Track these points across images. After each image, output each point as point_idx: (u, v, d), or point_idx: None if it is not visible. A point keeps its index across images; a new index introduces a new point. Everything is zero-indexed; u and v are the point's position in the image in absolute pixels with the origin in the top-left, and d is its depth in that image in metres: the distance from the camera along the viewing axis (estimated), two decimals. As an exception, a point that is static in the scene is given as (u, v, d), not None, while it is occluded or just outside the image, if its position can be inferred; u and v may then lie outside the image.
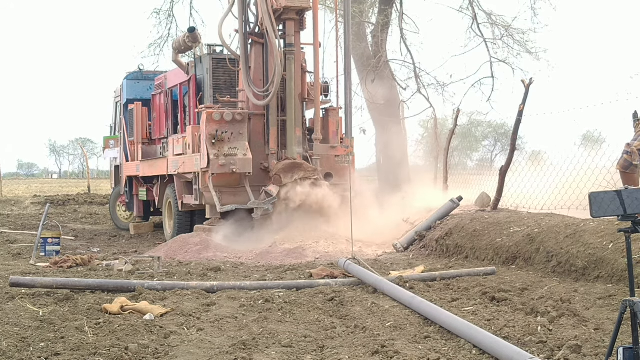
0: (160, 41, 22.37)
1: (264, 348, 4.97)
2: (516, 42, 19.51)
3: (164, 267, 8.94)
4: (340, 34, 14.11)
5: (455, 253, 9.69)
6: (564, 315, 5.58)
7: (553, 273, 7.60)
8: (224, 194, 11.83)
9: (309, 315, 6.02)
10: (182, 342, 5.13)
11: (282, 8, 11.87)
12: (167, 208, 13.91)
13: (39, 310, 6.09)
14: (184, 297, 6.68)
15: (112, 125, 18.10)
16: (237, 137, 11.79)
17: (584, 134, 64.74)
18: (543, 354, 4.69)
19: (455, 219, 10.64)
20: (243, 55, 12.16)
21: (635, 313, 3.54)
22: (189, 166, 12.41)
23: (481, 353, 4.81)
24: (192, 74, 13.24)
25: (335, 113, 12.93)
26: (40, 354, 4.78)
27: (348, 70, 12.22)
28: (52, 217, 17.39)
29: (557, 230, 8.09)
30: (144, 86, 16.01)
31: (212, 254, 10.68)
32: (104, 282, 7.27)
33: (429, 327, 5.57)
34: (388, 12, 19.77)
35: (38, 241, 10.75)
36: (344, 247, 10.39)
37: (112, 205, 17.48)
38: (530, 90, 10.26)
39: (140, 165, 15.03)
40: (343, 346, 5.02)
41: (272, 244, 10.93)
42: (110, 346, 4.93)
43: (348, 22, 12.53)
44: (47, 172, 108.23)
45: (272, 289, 7.07)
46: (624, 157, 3.79)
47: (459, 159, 14.47)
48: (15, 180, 55.70)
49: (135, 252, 11.65)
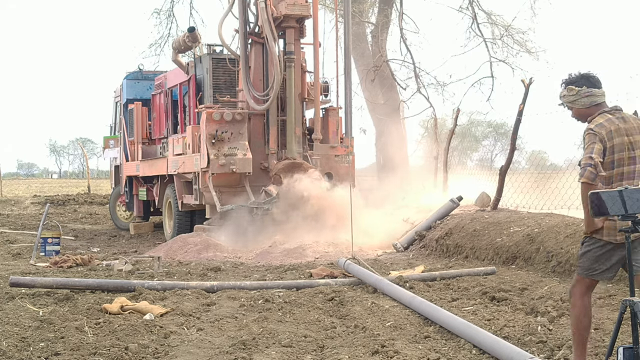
0: (160, 41, 22.41)
1: (264, 348, 4.97)
2: (516, 41, 19.53)
3: (164, 267, 8.93)
4: (340, 34, 14.11)
5: (455, 253, 9.69)
6: (564, 315, 5.58)
7: (553, 273, 7.60)
8: (224, 193, 11.82)
9: (309, 315, 6.01)
10: (182, 342, 5.13)
11: (282, 16, 11.87)
12: (167, 208, 13.91)
13: (39, 310, 6.09)
14: (184, 297, 6.68)
15: (112, 125, 18.09)
16: (237, 137, 11.79)
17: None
18: (543, 353, 4.69)
19: (455, 218, 10.64)
20: (243, 56, 12.17)
21: (635, 313, 3.54)
22: (189, 166, 12.40)
23: (481, 353, 4.82)
24: (192, 74, 13.23)
25: (335, 113, 12.93)
26: (40, 354, 4.78)
27: (348, 70, 12.24)
28: (52, 217, 17.38)
29: (557, 230, 8.09)
30: (143, 86, 16.00)
31: (212, 254, 10.67)
32: (103, 282, 7.27)
33: (429, 327, 5.57)
34: (388, 12, 19.79)
35: (38, 241, 10.74)
36: (344, 247, 10.39)
37: (112, 205, 17.47)
38: (530, 89, 10.26)
39: (140, 165, 15.02)
40: (343, 346, 5.02)
41: (272, 244, 10.93)
42: (110, 346, 4.93)
43: (348, 22, 12.55)
44: (47, 172, 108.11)
45: (272, 289, 7.07)
46: (589, 169, 3.86)
47: (459, 159, 14.45)
48: (15, 180, 55.66)
49: (135, 252, 11.65)
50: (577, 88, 4.14)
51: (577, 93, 4.14)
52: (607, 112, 4.09)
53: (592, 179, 3.86)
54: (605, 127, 3.98)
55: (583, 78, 4.16)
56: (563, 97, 4.26)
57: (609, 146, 3.95)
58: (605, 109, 4.12)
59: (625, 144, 3.98)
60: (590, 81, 4.14)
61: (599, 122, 4.02)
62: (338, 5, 16.06)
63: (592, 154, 3.89)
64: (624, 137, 3.98)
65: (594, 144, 3.92)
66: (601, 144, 3.93)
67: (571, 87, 4.16)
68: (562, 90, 4.26)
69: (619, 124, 4.01)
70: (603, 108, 4.12)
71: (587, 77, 4.16)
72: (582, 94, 4.13)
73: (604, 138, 3.94)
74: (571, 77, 4.20)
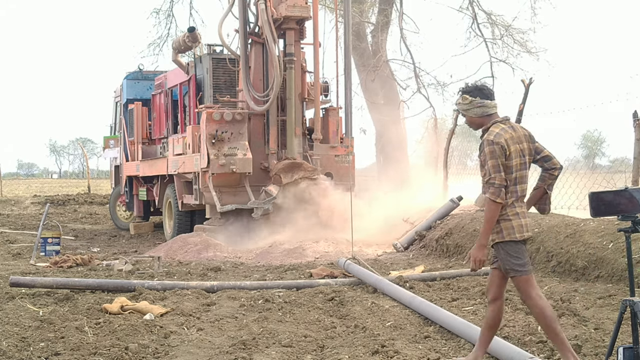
0: (159, 41, 22.40)
1: (264, 348, 4.97)
2: (516, 41, 19.51)
3: (164, 267, 8.93)
4: (340, 34, 14.11)
5: (455, 253, 9.69)
6: (564, 315, 5.58)
7: (553, 273, 7.60)
8: (224, 193, 11.82)
9: (309, 315, 6.02)
10: (182, 341, 5.13)
11: (282, 17, 11.86)
12: (167, 208, 13.91)
13: (39, 310, 6.09)
14: (184, 297, 6.68)
15: (112, 125, 18.09)
16: (237, 136, 11.78)
17: (583, 134, 64.28)
18: (543, 353, 4.69)
19: (455, 218, 10.64)
20: (243, 56, 12.16)
21: (635, 313, 3.54)
22: (189, 166, 12.40)
23: (481, 353, 4.81)
24: (192, 74, 13.23)
25: (335, 113, 12.93)
26: (40, 353, 4.78)
27: (348, 70, 12.24)
28: (52, 217, 17.38)
29: (557, 230, 8.09)
30: (143, 86, 16.00)
31: (212, 253, 10.68)
32: (104, 282, 7.27)
33: (429, 326, 5.57)
34: (388, 12, 19.78)
35: (38, 241, 10.74)
36: (344, 247, 10.39)
37: (112, 205, 17.47)
38: (530, 90, 10.27)
39: (140, 165, 15.02)
40: (343, 346, 5.02)
41: (272, 244, 10.93)
42: (110, 346, 4.93)
43: (348, 22, 12.55)
44: (47, 172, 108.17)
45: (272, 289, 7.07)
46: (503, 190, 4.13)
47: (459, 159, 14.44)
48: (15, 180, 55.67)
49: (135, 252, 11.65)
50: (470, 98, 4.38)
51: (470, 103, 4.37)
52: (499, 122, 4.32)
53: (504, 199, 4.16)
54: (502, 135, 4.22)
55: (477, 89, 4.39)
56: (458, 104, 4.52)
57: (508, 153, 4.20)
58: (497, 119, 4.35)
59: (518, 151, 4.24)
60: (484, 93, 4.38)
61: (496, 132, 4.24)
62: (338, 5, 16.06)
63: (500, 172, 4.16)
64: (516, 145, 4.24)
65: (497, 160, 4.16)
66: (503, 157, 4.19)
67: (465, 96, 4.39)
68: (457, 98, 4.51)
69: (512, 133, 4.27)
70: (495, 119, 4.35)
71: (480, 89, 4.40)
72: (475, 104, 4.36)
73: (504, 146, 4.19)
74: (467, 87, 4.46)
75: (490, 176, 4.17)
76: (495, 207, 4.16)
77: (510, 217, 4.20)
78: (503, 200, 4.15)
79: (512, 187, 4.21)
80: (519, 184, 4.24)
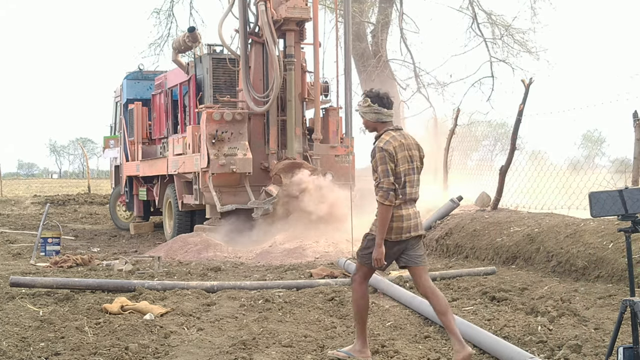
0: (160, 41, 22.44)
1: (264, 348, 4.97)
2: (516, 41, 19.53)
3: (164, 267, 8.93)
4: (340, 34, 14.11)
5: (455, 253, 9.69)
6: (564, 315, 5.58)
7: (553, 273, 7.60)
8: (224, 193, 11.82)
9: (309, 315, 6.02)
10: (182, 341, 5.13)
11: (282, 19, 11.86)
12: (167, 208, 13.91)
13: (39, 310, 6.09)
14: (184, 297, 6.68)
15: (112, 125, 18.09)
16: (237, 136, 11.78)
17: (584, 134, 64.20)
18: (543, 353, 4.69)
19: (455, 218, 10.64)
20: (243, 56, 12.16)
21: (635, 313, 3.54)
22: (189, 166, 12.40)
23: (481, 353, 4.82)
24: (192, 74, 13.22)
25: (335, 113, 12.93)
26: (40, 354, 4.78)
27: (348, 70, 12.24)
28: (52, 217, 17.39)
29: (557, 230, 8.09)
30: (144, 86, 16.00)
31: (212, 254, 10.67)
32: (104, 282, 7.27)
33: (429, 327, 5.57)
34: (388, 12, 19.80)
35: (38, 241, 10.74)
36: (344, 247, 10.39)
37: (112, 205, 17.47)
38: (530, 89, 10.25)
39: (140, 165, 15.02)
40: (343, 346, 5.02)
41: (272, 244, 10.93)
42: (110, 346, 4.93)
43: (348, 22, 12.55)
44: (47, 172, 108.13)
45: (272, 289, 7.07)
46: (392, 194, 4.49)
47: (459, 159, 14.42)
48: (15, 180, 55.65)
49: (135, 252, 11.65)
50: (370, 102, 4.71)
51: (369, 107, 4.71)
52: (391, 130, 4.69)
53: (392, 202, 4.54)
54: (391, 143, 4.59)
55: (378, 97, 4.71)
56: (358, 106, 4.82)
57: (396, 159, 4.57)
58: (390, 127, 4.71)
59: (406, 157, 4.63)
60: (382, 101, 4.70)
61: (386, 140, 4.61)
62: (338, 5, 16.06)
63: (389, 176, 4.52)
64: (405, 152, 4.63)
65: (387, 165, 4.53)
66: (392, 163, 4.55)
67: (367, 99, 4.73)
68: (360, 99, 4.82)
69: (402, 140, 4.65)
70: (388, 127, 4.71)
71: (381, 97, 4.70)
72: (372, 109, 4.70)
73: (392, 153, 4.55)
74: (371, 92, 4.76)
75: (380, 180, 4.54)
76: (385, 209, 4.54)
77: (393, 218, 4.58)
78: (392, 203, 4.50)
79: (400, 190, 4.59)
80: (407, 187, 4.63)
